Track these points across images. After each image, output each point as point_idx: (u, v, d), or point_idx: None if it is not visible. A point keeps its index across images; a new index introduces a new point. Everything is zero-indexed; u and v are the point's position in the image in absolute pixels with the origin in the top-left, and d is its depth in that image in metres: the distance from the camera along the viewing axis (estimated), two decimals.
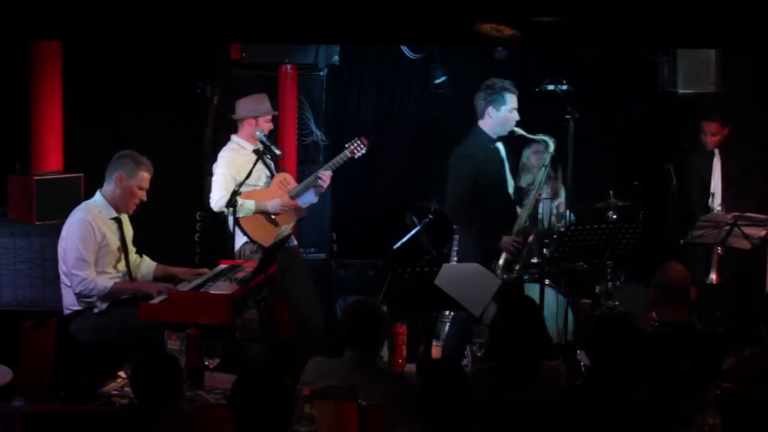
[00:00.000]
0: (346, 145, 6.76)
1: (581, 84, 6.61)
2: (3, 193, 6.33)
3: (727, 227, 6.39)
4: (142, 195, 5.58)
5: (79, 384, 5.14)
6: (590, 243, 5.89)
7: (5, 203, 6.33)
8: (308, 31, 5.31)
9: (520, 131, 6.13)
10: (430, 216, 7.35)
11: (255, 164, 6.32)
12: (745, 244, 6.43)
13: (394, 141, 8.12)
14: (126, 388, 4.36)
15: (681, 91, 7.01)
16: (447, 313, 6.37)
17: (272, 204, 6.41)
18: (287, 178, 6.61)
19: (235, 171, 6.33)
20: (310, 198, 6.62)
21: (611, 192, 7.14)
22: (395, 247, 7.41)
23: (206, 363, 4.61)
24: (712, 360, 4.36)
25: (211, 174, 6.44)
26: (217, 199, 6.31)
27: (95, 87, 6.78)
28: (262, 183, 6.49)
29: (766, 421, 3.82)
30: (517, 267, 6.17)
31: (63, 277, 5.50)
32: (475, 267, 5.57)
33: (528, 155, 6.81)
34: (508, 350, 4.01)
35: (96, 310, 5.42)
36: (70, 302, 5.48)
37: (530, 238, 6.19)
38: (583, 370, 5.41)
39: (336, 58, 7.22)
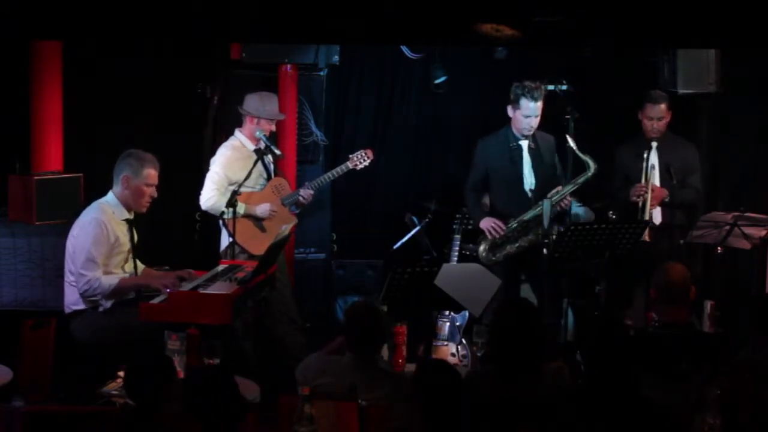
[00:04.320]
0: (350, 156, 6.79)
1: (581, 84, 6.60)
2: (3, 193, 6.33)
3: (727, 227, 6.39)
4: (152, 192, 5.58)
5: (79, 384, 5.14)
6: (590, 243, 5.89)
7: (5, 203, 6.33)
8: (308, 31, 5.32)
9: (572, 145, 6.17)
10: (430, 216, 7.35)
11: (255, 165, 6.32)
12: (745, 244, 6.43)
13: (394, 141, 8.12)
14: None
15: (681, 91, 7.00)
16: (447, 313, 6.37)
17: (261, 209, 6.41)
18: (282, 184, 6.61)
19: (231, 171, 6.33)
20: (292, 208, 6.66)
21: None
22: (395, 247, 7.41)
23: (206, 363, 4.61)
24: (712, 360, 4.36)
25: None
26: (207, 198, 6.31)
27: (95, 87, 6.78)
28: (258, 185, 6.48)
29: (766, 421, 3.82)
30: (503, 252, 6.32)
31: (68, 275, 5.49)
32: (475, 267, 5.57)
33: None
34: (508, 351, 4.01)
35: (101, 309, 5.41)
36: (72, 301, 5.47)
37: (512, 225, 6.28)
38: (582, 370, 5.41)
39: (336, 58, 7.22)
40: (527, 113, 6.18)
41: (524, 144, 6.29)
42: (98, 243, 5.39)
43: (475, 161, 6.43)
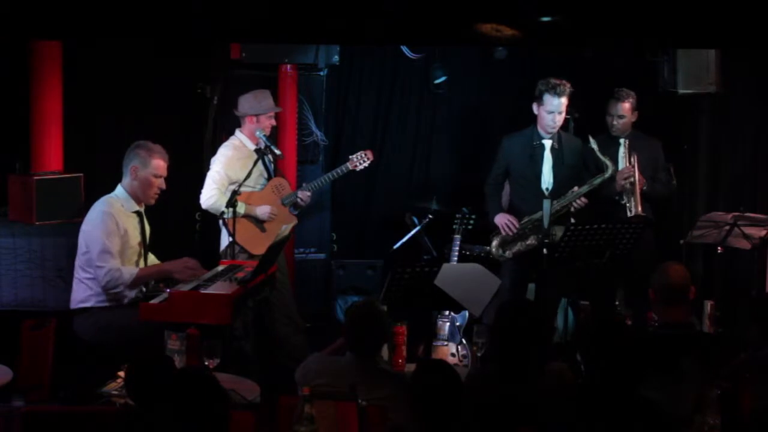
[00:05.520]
0: (350, 157, 6.80)
1: (581, 84, 6.61)
2: (3, 193, 6.33)
3: (727, 227, 6.39)
4: (160, 183, 5.59)
5: (79, 384, 5.14)
6: (590, 243, 5.89)
7: (5, 203, 6.33)
8: (308, 31, 5.31)
9: (594, 146, 6.26)
10: (430, 216, 7.35)
11: (255, 164, 6.32)
12: (745, 244, 6.43)
13: (394, 141, 8.12)
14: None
15: (681, 91, 7.01)
16: (447, 313, 6.37)
17: (261, 210, 6.41)
18: (282, 183, 6.61)
19: (231, 171, 6.33)
20: (291, 209, 6.67)
21: None
22: (395, 247, 7.42)
23: (206, 363, 4.61)
24: (712, 360, 4.36)
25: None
26: (207, 197, 6.31)
27: (95, 87, 6.79)
28: (259, 185, 6.49)
29: (766, 421, 3.82)
30: (513, 249, 6.35)
31: (78, 270, 5.49)
32: (475, 267, 5.57)
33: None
34: (509, 351, 4.01)
35: (126, 301, 5.40)
36: (79, 298, 5.47)
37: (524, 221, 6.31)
38: (583, 370, 5.41)
39: (336, 58, 7.23)
40: (550, 109, 6.23)
41: (547, 143, 6.33)
42: (111, 234, 5.39)
43: (497, 156, 6.49)
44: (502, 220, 6.37)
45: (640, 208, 6.30)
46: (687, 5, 4.88)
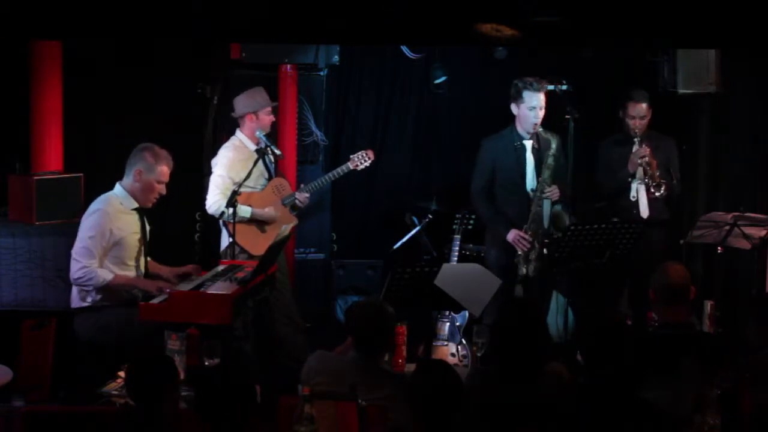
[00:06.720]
0: (351, 157, 6.80)
1: (581, 84, 6.60)
2: (3, 193, 6.33)
3: (727, 227, 6.39)
4: (161, 189, 5.60)
5: (79, 384, 5.14)
6: (590, 243, 5.90)
7: (5, 203, 6.33)
8: (308, 31, 5.31)
9: (539, 129, 6.23)
10: (430, 216, 7.36)
11: (255, 164, 6.32)
12: (745, 244, 6.43)
13: (394, 141, 8.12)
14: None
15: (681, 91, 7.00)
16: (447, 313, 6.37)
17: (269, 215, 6.40)
18: (283, 184, 6.61)
19: (234, 173, 6.32)
20: (290, 210, 6.68)
21: None
22: (395, 247, 7.42)
23: (206, 363, 4.61)
24: (712, 360, 4.36)
25: (210, 173, 6.44)
26: (213, 203, 6.29)
27: (95, 87, 6.79)
28: (259, 185, 6.48)
29: (766, 421, 3.82)
30: (534, 262, 6.21)
31: None
32: (475, 267, 5.57)
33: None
34: (509, 351, 4.01)
35: (89, 299, 5.41)
36: (80, 297, 5.47)
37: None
38: (583, 370, 5.41)
39: (336, 58, 7.23)
40: (533, 104, 6.18)
41: (528, 144, 6.29)
42: (98, 235, 5.40)
43: (480, 162, 6.36)
44: (514, 237, 6.19)
45: (659, 178, 6.32)
46: (687, 5, 4.88)
